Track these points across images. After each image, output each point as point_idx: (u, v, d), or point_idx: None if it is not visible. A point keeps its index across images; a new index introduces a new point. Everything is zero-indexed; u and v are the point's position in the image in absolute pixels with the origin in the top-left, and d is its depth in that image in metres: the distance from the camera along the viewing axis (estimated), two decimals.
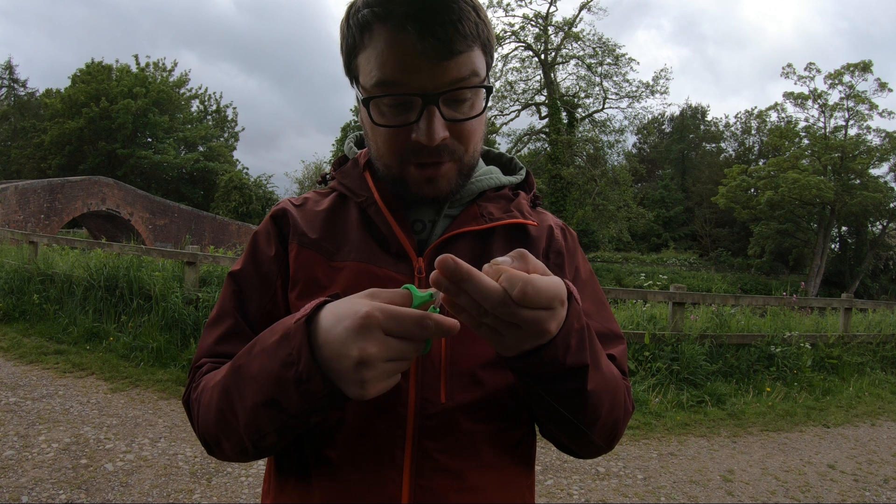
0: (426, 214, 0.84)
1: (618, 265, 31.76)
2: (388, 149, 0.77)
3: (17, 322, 6.53)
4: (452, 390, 0.74)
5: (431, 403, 0.73)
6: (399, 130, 0.74)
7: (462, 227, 0.82)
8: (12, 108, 37.57)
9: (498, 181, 0.89)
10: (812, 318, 7.40)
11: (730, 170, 32.05)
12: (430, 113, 0.71)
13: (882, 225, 31.42)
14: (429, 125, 0.71)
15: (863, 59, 28.87)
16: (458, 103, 0.74)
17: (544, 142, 28.39)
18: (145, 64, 36.34)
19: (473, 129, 0.77)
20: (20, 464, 3.18)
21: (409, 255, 0.80)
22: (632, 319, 6.20)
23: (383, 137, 0.76)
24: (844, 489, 3.61)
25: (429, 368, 0.74)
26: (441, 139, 0.72)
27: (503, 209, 0.87)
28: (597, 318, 0.89)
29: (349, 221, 0.85)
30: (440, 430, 0.74)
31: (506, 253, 0.73)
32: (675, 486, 3.48)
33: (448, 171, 0.77)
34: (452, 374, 0.75)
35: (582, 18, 27.48)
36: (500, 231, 0.85)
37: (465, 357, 0.76)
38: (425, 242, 0.83)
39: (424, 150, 0.74)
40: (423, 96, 0.71)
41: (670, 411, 4.84)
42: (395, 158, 0.77)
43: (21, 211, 17.83)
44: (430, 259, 0.80)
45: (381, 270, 0.79)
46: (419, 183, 0.77)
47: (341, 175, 0.89)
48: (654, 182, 44.82)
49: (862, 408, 5.45)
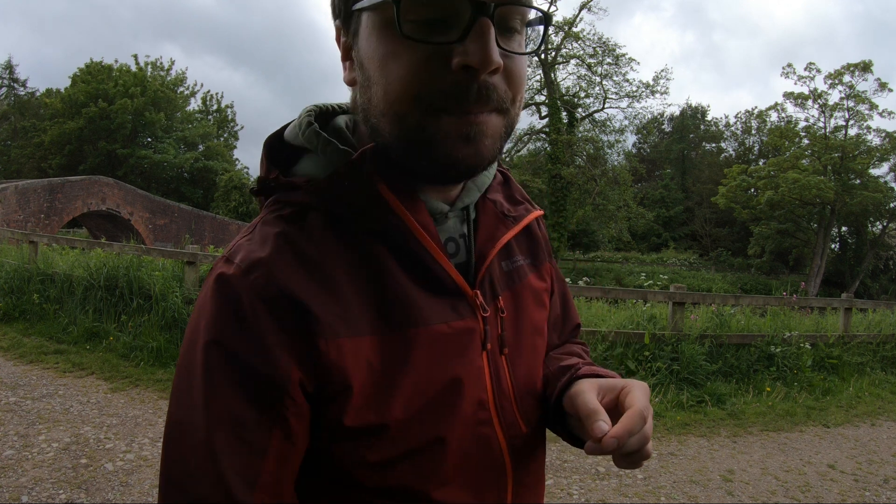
0: (455, 229, 0.66)
1: (618, 265, 31.75)
2: (409, 90, 0.52)
3: (17, 322, 6.53)
4: (527, 416, 0.70)
5: (517, 437, 0.69)
6: (429, 56, 0.51)
7: (497, 238, 0.67)
8: (12, 107, 37.55)
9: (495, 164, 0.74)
10: (812, 318, 7.39)
11: (730, 170, 32.03)
12: (484, 26, 0.50)
13: (882, 225, 31.41)
14: (484, 41, 0.50)
15: (863, 59, 28.88)
16: (510, 33, 0.54)
17: (544, 142, 28.38)
18: (144, 63, 36.38)
19: (524, 72, 0.57)
20: (20, 463, 3.18)
21: (462, 291, 0.63)
22: (632, 319, 6.20)
23: (403, 71, 0.52)
24: (844, 489, 3.61)
25: (504, 405, 0.67)
26: (497, 65, 0.51)
27: (508, 199, 0.73)
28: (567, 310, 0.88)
29: (368, 261, 0.59)
30: (530, 455, 0.71)
31: (524, 252, 0.76)
32: (675, 486, 3.48)
33: (494, 127, 0.55)
34: (521, 399, 0.70)
35: (582, 18, 27.47)
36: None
37: (523, 378, 0.71)
38: (464, 265, 0.65)
39: (470, 89, 0.52)
40: (474, 3, 0.50)
41: (670, 411, 4.84)
42: (418, 104, 0.53)
43: (21, 210, 17.83)
44: (481, 289, 0.65)
45: (447, 326, 0.61)
46: (454, 141, 0.53)
47: (337, 187, 0.58)
48: (654, 182, 44.82)
49: (862, 408, 5.45)
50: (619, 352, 5.42)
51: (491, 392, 0.65)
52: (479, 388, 0.64)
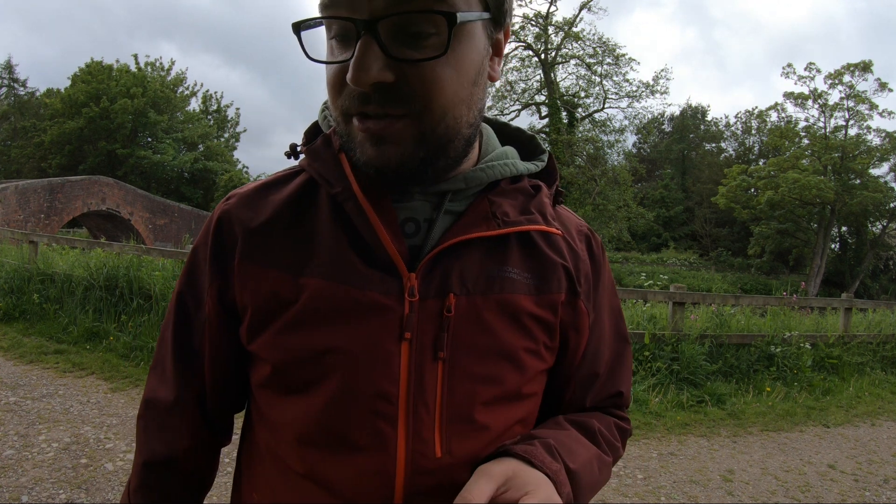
0: (422, 211, 0.65)
1: (618, 265, 31.77)
2: (332, 96, 0.59)
3: (17, 322, 6.53)
4: (450, 440, 0.61)
5: (426, 457, 0.60)
6: (338, 70, 0.57)
7: (469, 232, 0.63)
8: (12, 107, 37.56)
9: (515, 169, 0.69)
10: (812, 318, 7.39)
11: (730, 170, 32.05)
12: (364, 44, 0.53)
13: (882, 225, 31.41)
14: (357, 60, 0.53)
15: (863, 59, 28.88)
16: (417, 39, 0.54)
17: (544, 141, 28.39)
18: (144, 63, 36.39)
19: (437, 77, 0.55)
20: (20, 463, 3.18)
21: (397, 269, 0.61)
22: (632, 319, 6.20)
23: (328, 81, 0.59)
24: (844, 489, 3.61)
25: (421, 413, 0.60)
26: (373, 80, 0.53)
27: (521, 208, 0.67)
28: (612, 373, 0.78)
29: (319, 219, 0.65)
30: (437, 491, 0.60)
31: (524, 268, 0.67)
32: (675, 486, 3.48)
33: (401, 132, 0.56)
34: (450, 419, 0.61)
35: (582, 18, 27.48)
36: (517, 238, 0.67)
37: (463, 396, 0.62)
38: (419, 249, 0.63)
39: (360, 97, 0.55)
40: (357, 21, 0.53)
41: (670, 411, 4.84)
42: (338, 109, 0.59)
43: (21, 210, 17.83)
44: (425, 275, 0.62)
45: (359, 293, 0.60)
46: (363, 143, 0.58)
47: (311, 155, 0.67)
48: (654, 182, 44.81)
49: (862, 408, 5.45)
50: None
51: (404, 390, 0.60)
52: (383, 377, 0.60)
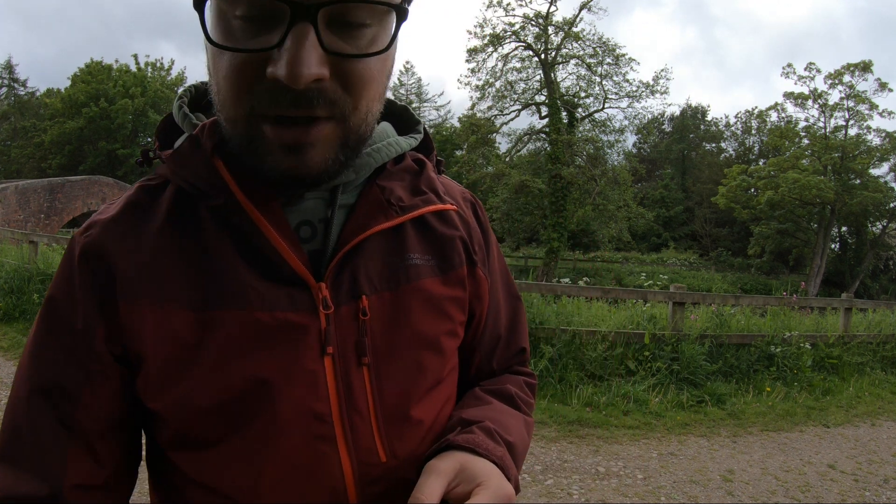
0: (315, 211, 0.59)
1: (618, 265, 31.76)
2: (232, 93, 0.49)
3: (17, 322, 6.52)
4: (391, 442, 0.59)
5: (372, 465, 0.58)
6: (249, 60, 0.47)
7: (369, 226, 0.58)
8: (12, 107, 37.58)
9: (399, 148, 0.63)
10: (812, 318, 7.39)
11: (730, 170, 32.03)
12: (299, 33, 0.45)
13: (882, 225, 31.41)
14: (295, 52, 0.44)
15: (863, 59, 28.89)
16: (351, 29, 0.48)
17: (544, 141, 28.36)
18: (144, 64, 36.40)
19: (371, 74, 0.50)
20: None
21: (303, 281, 0.55)
22: (632, 319, 6.20)
23: (226, 72, 0.48)
24: (844, 489, 3.61)
25: (357, 423, 0.57)
26: (313, 78, 0.45)
27: (411, 189, 0.63)
28: (512, 332, 0.77)
29: (204, 238, 0.56)
30: (390, 494, 0.59)
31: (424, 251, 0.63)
32: (675, 486, 3.48)
33: (325, 137, 0.50)
34: (386, 421, 0.59)
35: (582, 18, 27.46)
36: (411, 222, 0.62)
37: (394, 397, 0.59)
38: (320, 254, 0.58)
39: (286, 97, 0.46)
40: (293, 4, 0.44)
41: (670, 411, 4.84)
42: (241, 109, 0.49)
43: (21, 210, 17.83)
44: (334, 282, 0.57)
45: (268, 315, 0.54)
46: (275, 153, 0.49)
47: (175, 161, 0.57)
48: (654, 182, 44.81)
49: (862, 408, 5.45)
50: (619, 352, 5.43)
51: (336, 405, 0.56)
52: (313, 397, 0.55)
